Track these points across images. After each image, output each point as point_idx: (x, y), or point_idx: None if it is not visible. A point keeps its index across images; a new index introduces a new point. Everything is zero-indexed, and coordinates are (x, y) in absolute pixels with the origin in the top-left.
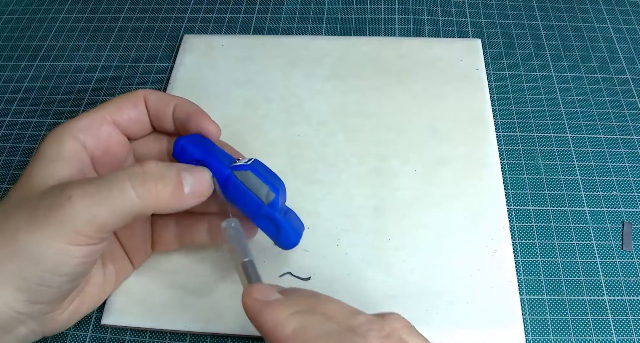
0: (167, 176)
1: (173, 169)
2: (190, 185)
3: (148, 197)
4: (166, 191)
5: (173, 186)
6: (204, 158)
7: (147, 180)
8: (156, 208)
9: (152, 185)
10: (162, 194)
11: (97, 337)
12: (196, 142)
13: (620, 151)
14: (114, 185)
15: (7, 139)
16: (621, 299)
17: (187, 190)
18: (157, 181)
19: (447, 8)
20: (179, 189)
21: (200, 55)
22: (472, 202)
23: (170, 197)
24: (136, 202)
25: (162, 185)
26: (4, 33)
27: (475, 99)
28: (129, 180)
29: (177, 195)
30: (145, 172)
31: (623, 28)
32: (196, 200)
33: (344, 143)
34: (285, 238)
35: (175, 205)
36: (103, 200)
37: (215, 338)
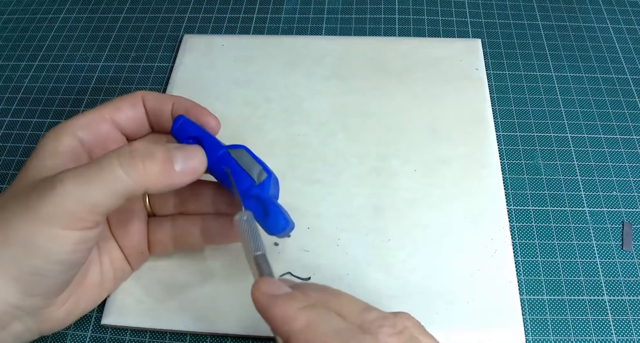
0: (154, 153)
1: (161, 147)
2: (181, 162)
3: (136, 174)
4: (154, 167)
5: (161, 162)
6: (200, 135)
7: (135, 157)
8: (146, 186)
9: (139, 162)
10: (151, 171)
11: (97, 337)
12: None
13: (620, 151)
14: (103, 164)
15: (7, 139)
16: (621, 299)
17: (179, 168)
18: (144, 158)
19: (447, 8)
20: (168, 165)
21: (200, 55)
22: (472, 202)
23: (160, 174)
24: (125, 179)
25: (150, 162)
26: (4, 33)
27: (475, 99)
28: (117, 159)
29: (166, 171)
30: (132, 150)
31: (623, 28)
32: (188, 177)
33: (344, 143)
34: (274, 222)
35: (165, 182)
36: (93, 179)
37: (215, 338)
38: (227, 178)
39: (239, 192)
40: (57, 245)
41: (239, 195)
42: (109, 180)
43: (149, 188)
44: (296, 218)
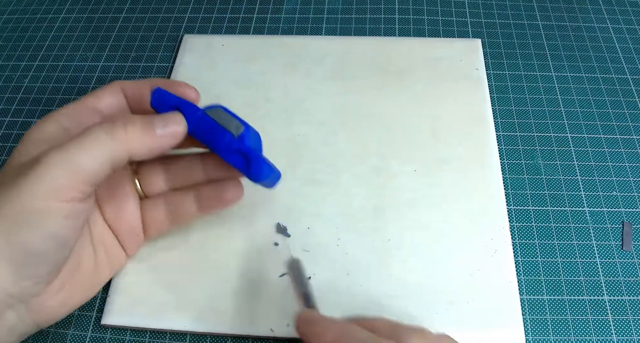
0: (135, 119)
1: (140, 116)
2: (161, 126)
3: (119, 136)
4: (136, 130)
5: (141, 125)
6: (178, 104)
7: (116, 123)
8: (130, 148)
9: (121, 127)
10: (133, 133)
11: (97, 337)
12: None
13: (620, 151)
14: (86, 133)
15: (7, 139)
16: (621, 299)
17: (160, 131)
18: (125, 123)
19: (447, 8)
20: (149, 128)
21: (200, 55)
22: (472, 202)
23: (142, 136)
24: (109, 142)
25: (132, 126)
26: (4, 33)
27: (475, 99)
28: (99, 128)
29: (148, 133)
30: (113, 119)
31: (623, 28)
32: (170, 139)
33: (344, 143)
34: (257, 169)
35: (148, 144)
36: (77, 147)
37: (215, 338)
38: (207, 142)
39: (221, 149)
40: (47, 219)
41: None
42: (93, 145)
43: (133, 151)
44: (296, 218)
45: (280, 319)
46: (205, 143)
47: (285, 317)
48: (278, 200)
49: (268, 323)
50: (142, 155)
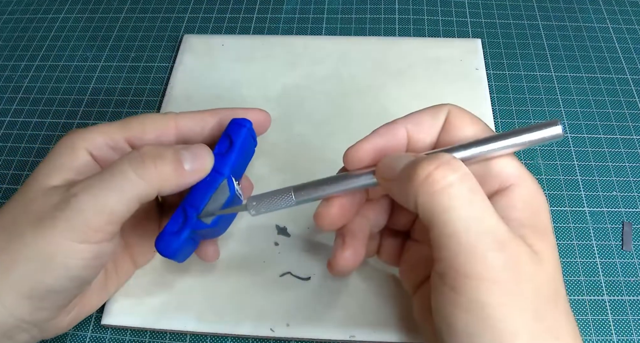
0: (164, 155)
1: (169, 148)
2: (190, 161)
3: (149, 176)
4: (166, 168)
5: (172, 162)
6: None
7: (146, 160)
8: (160, 187)
9: (151, 164)
10: (163, 172)
11: (97, 337)
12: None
13: (620, 151)
14: (115, 171)
15: (7, 139)
16: (621, 299)
17: (188, 167)
18: (155, 160)
19: (447, 8)
20: (178, 165)
21: (200, 55)
22: None
23: (172, 174)
24: (139, 183)
25: (161, 163)
26: (4, 33)
27: (475, 99)
28: (128, 164)
29: (178, 171)
30: (142, 154)
31: (623, 28)
32: (197, 175)
33: (344, 143)
34: (168, 244)
35: (178, 182)
36: (107, 187)
37: (215, 338)
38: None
39: (185, 202)
40: (73, 261)
41: None
42: (122, 186)
43: (162, 189)
44: (296, 218)
45: (280, 319)
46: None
47: (285, 317)
48: None
49: (268, 323)
50: (169, 192)
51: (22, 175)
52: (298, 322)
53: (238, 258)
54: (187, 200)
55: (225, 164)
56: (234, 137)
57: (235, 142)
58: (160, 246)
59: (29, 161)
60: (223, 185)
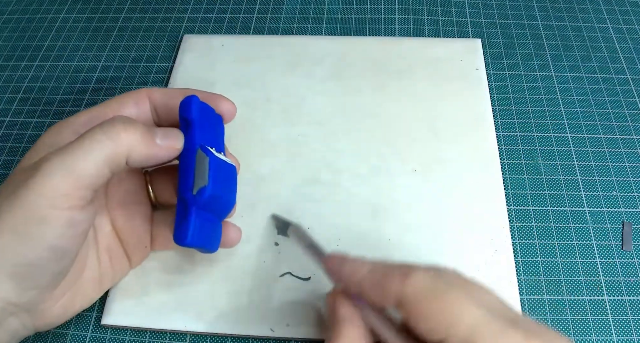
0: (135, 124)
1: (140, 123)
2: (160, 137)
3: (117, 137)
4: (135, 134)
5: (142, 131)
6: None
7: (116, 124)
8: (129, 154)
9: (121, 127)
10: (132, 137)
11: (97, 337)
12: (206, 111)
13: (620, 151)
14: (86, 135)
15: (7, 139)
16: (621, 299)
17: (159, 141)
18: (125, 126)
19: (447, 8)
20: (148, 136)
21: (200, 55)
22: (472, 202)
23: (140, 141)
24: (107, 143)
25: (132, 129)
26: (4, 33)
27: (475, 99)
28: (99, 128)
29: (147, 141)
30: (114, 120)
31: (623, 28)
32: (168, 152)
33: (344, 143)
34: (178, 233)
35: (147, 151)
36: (76, 150)
37: (215, 338)
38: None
39: (178, 193)
40: (46, 229)
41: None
42: (90, 147)
43: (131, 156)
44: (296, 218)
45: (280, 319)
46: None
47: (285, 317)
48: (278, 200)
49: (268, 323)
50: (139, 161)
51: None
52: (298, 322)
53: (238, 258)
54: (179, 190)
55: (191, 140)
56: (187, 115)
57: (190, 119)
58: (178, 237)
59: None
60: (199, 154)
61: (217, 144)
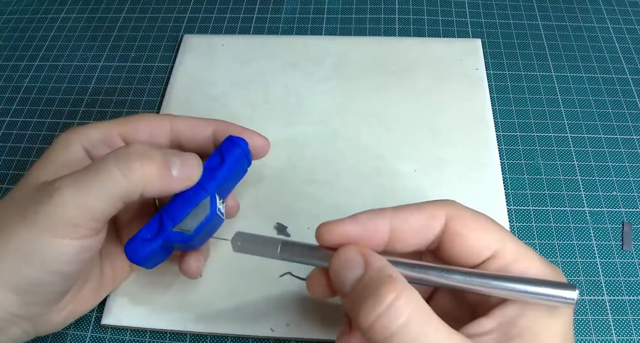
0: (152, 156)
1: (158, 150)
2: (178, 167)
3: (134, 176)
4: (152, 170)
5: (159, 165)
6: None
7: (132, 158)
8: (144, 189)
9: (138, 164)
10: (148, 173)
11: (97, 337)
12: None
13: (620, 151)
14: (101, 167)
15: (7, 138)
16: (621, 299)
17: (175, 173)
18: (142, 160)
19: (447, 8)
20: (165, 169)
21: (200, 55)
22: (472, 202)
23: (157, 177)
24: (122, 181)
25: (148, 164)
26: (4, 33)
27: (475, 99)
28: (114, 161)
29: (163, 175)
30: (130, 152)
31: (623, 28)
32: (184, 184)
33: (344, 143)
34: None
35: (163, 186)
36: (89, 184)
37: (215, 338)
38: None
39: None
40: (55, 255)
41: None
42: (105, 184)
43: (145, 191)
44: (296, 218)
45: (280, 319)
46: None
47: (285, 317)
48: (278, 200)
49: (268, 323)
50: (152, 195)
51: (22, 175)
52: (298, 322)
53: (238, 258)
54: (165, 209)
55: (212, 181)
56: (226, 154)
57: (227, 160)
58: (129, 251)
59: (29, 161)
60: (205, 202)
61: (229, 188)
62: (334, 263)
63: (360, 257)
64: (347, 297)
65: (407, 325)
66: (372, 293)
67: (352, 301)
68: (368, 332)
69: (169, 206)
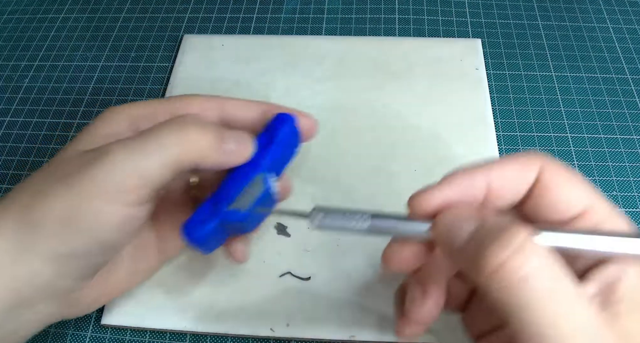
0: (207, 126)
1: (213, 124)
2: (231, 142)
3: (188, 144)
4: (207, 140)
5: (212, 135)
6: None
7: (186, 127)
8: (196, 158)
9: (192, 133)
10: (203, 143)
11: (97, 337)
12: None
13: (620, 151)
14: (154, 133)
15: (7, 139)
16: None
17: (229, 147)
18: (196, 129)
19: (447, 8)
20: (218, 140)
21: (200, 55)
22: None
23: (211, 148)
24: (177, 148)
25: (202, 133)
26: (4, 33)
27: (475, 99)
28: (168, 128)
29: (218, 147)
30: (186, 120)
31: (623, 28)
32: (238, 159)
33: (344, 143)
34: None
35: (215, 157)
36: (143, 148)
37: (215, 338)
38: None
39: (216, 192)
40: (100, 222)
41: None
42: (159, 149)
43: (198, 161)
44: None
45: (280, 319)
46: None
47: (285, 317)
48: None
49: (268, 323)
50: (205, 166)
51: (22, 175)
52: (298, 322)
53: None
54: (218, 189)
55: (263, 158)
56: (275, 131)
57: (276, 137)
58: (187, 233)
59: (29, 161)
60: (258, 179)
61: (281, 166)
62: (442, 223)
63: (471, 212)
64: (462, 251)
65: (541, 271)
66: (498, 237)
67: (469, 251)
68: (491, 279)
69: (222, 186)
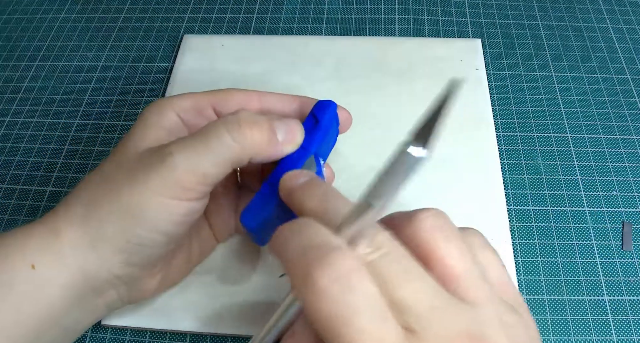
0: (260, 122)
1: (265, 117)
2: (283, 132)
3: (244, 141)
4: (262, 135)
5: (267, 130)
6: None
7: (243, 125)
8: (253, 154)
9: (248, 130)
10: (258, 139)
11: (97, 337)
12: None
13: (620, 151)
14: (212, 133)
15: (7, 138)
16: (621, 299)
17: (281, 137)
18: (252, 126)
19: (447, 8)
20: (272, 134)
21: (200, 55)
22: (472, 202)
23: (266, 142)
24: (234, 146)
25: (258, 129)
26: (4, 33)
27: (475, 99)
28: (224, 127)
29: (272, 140)
30: (239, 118)
31: (623, 28)
32: (290, 147)
33: (344, 143)
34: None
35: (271, 151)
36: (202, 148)
37: (215, 338)
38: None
39: (270, 178)
40: (166, 216)
41: None
42: (217, 148)
43: (255, 155)
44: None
45: None
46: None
47: None
48: None
49: None
50: (260, 159)
51: (21, 175)
52: None
53: (238, 258)
54: (272, 176)
55: (311, 141)
56: (319, 116)
57: (321, 121)
58: (246, 219)
59: (29, 161)
60: (309, 161)
61: (325, 152)
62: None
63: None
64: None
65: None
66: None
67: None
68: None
69: (275, 172)
